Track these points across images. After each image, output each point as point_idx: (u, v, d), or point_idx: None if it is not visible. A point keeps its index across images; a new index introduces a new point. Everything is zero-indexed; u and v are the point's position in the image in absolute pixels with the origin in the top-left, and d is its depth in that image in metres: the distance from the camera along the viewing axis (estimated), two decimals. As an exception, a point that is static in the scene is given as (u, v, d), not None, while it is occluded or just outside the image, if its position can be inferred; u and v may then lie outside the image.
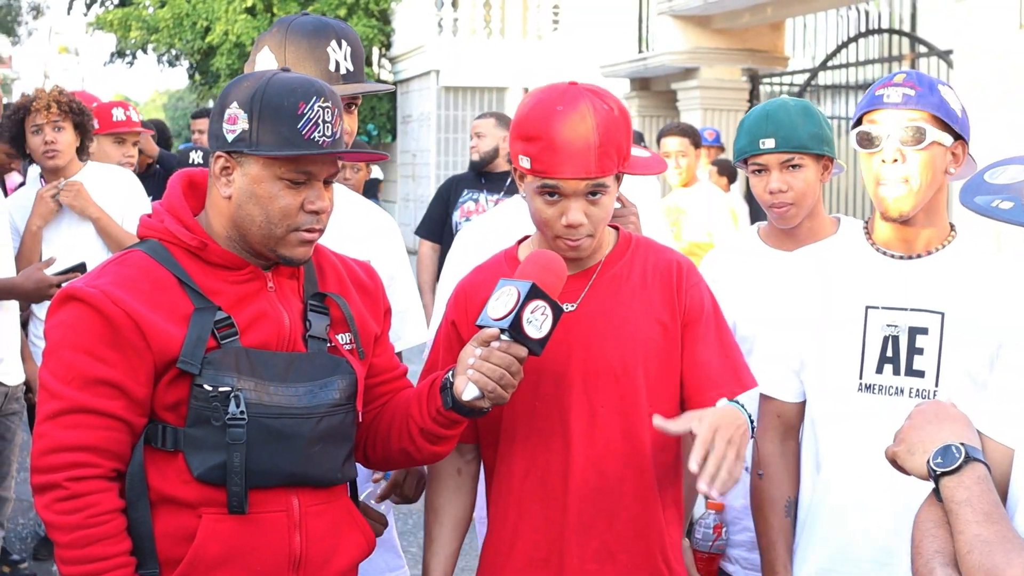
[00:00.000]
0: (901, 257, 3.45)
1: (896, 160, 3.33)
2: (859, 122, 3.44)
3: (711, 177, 11.41)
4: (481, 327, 2.97)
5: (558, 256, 3.07)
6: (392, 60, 30.03)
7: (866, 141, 3.39)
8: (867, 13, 16.48)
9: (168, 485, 2.89)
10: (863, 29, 15.49)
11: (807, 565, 3.53)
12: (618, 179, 3.22)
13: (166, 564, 2.89)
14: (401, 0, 28.63)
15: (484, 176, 8.97)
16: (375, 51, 29.70)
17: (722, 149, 13.28)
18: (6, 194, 7.08)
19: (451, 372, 3.04)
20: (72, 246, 6.19)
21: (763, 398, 3.69)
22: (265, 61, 3.51)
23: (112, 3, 33.10)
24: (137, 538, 2.88)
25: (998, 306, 3.33)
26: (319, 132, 2.89)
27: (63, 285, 5.54)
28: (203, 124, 11.30)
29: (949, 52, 12.17)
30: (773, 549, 3.62)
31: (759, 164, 4.15)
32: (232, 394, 2.86)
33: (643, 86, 20.20)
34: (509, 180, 8.43)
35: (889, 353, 3.38)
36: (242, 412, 2.86)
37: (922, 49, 13.58)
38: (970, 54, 11.22)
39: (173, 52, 31.48)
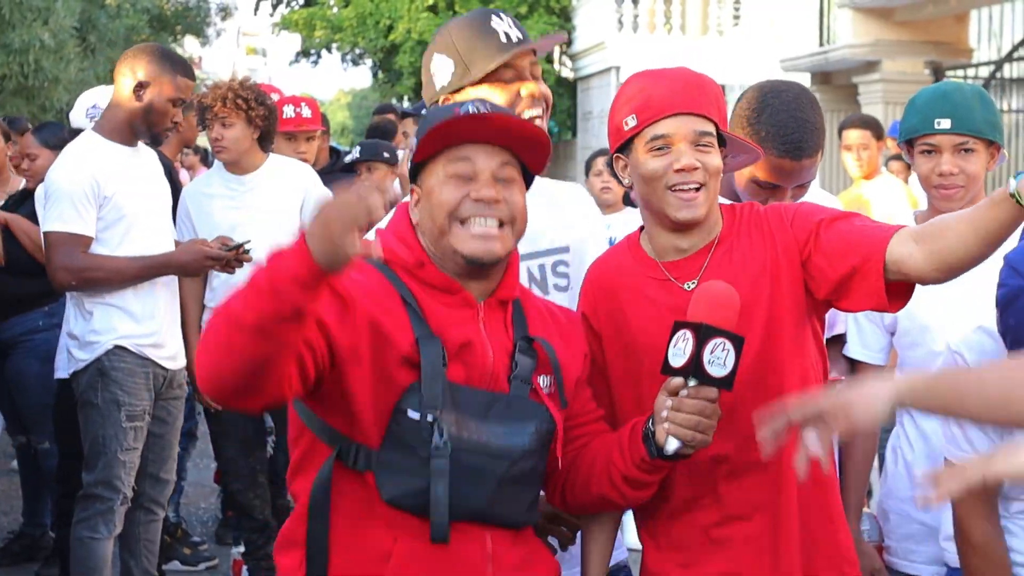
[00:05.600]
0: None
1: None
2: None
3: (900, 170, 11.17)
4: (666, 375, 2.95)
5: (724, 285, 2.99)
6: (572, 57, 30.18)
7: None
8: (1056, 3, 16.17)
9: (354, 504, 2.91)
10: (1051, 19, 15.22)
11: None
12: (721, 145, 3.19)
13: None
14: (581, -3, 28.79)
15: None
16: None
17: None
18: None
19: (650, 420, 3.01)
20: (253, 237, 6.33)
21: None
22: (441, 65, 3.50)
23: (297, 3, 33.71)
24: (313, 550, 2.92)
25: None
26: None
27: (226, 260, 5.77)
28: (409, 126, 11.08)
29: None
30: None
31: (931, 145, 4.02)
32: (436, 424, 2.87)
33: (824, 80, 20.03)
34: None
35: None
36: (445, 443, 2.85)
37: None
38: None
39: (357, 51, 31.94)
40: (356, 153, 7.97)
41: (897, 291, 3.07)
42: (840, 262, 3.09)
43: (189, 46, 27.46)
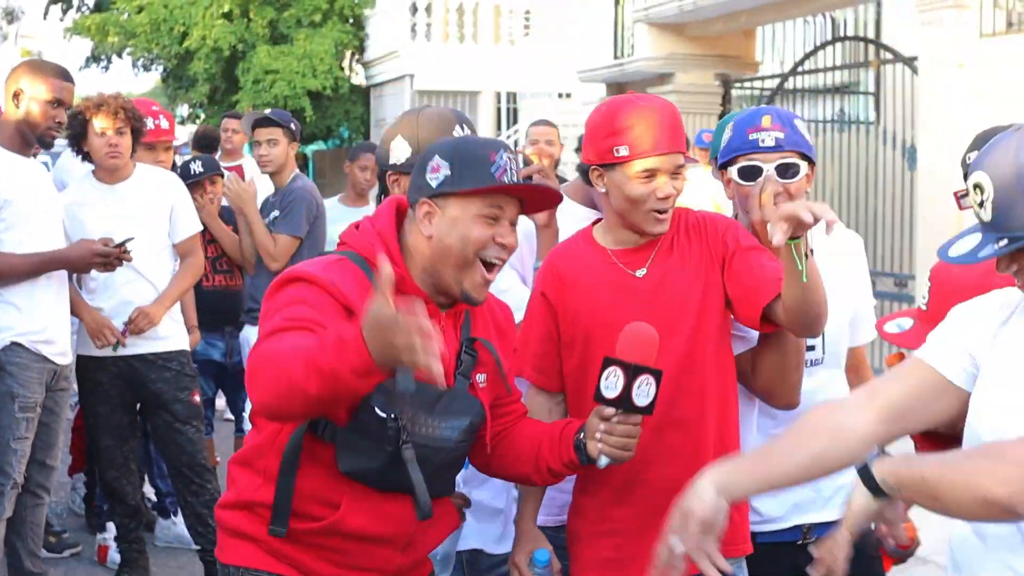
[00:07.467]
0: None
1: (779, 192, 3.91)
2: (734, 160, 4.01)
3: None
4: (597, 402, 3.47)
5: (646, 325, 3.48)
6: (366, 65, 30.43)
7: (749, 176, 3.98)
8: (834, 21, 17.00)
9: (317, 466, 3.39)
10: (830, 36, 15.94)
11: None
12: None
13: (301, 515, 3.43)
14: (375, 6, 29.05)
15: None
16: (348, 55, 30.13)
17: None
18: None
19: (581, 433, 3.55)
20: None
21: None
22: (399, 146, 4.12)
23: (87, 8, 33.42)
24: (279, 501, 3.42)
25: None
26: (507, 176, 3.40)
27: (110, 257, 6.30)
28: (235, 124, 11.61)
29: (914, 59, 12.55)
30: None
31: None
32: (400, 424, 3.32)
33: (619, 91, 20.47)
34: None
35: None
36: (407, 438, 3.34)
37: (888, 55, 13.99)
38: (935, 60, 11.64)
39: (149, 57, 31.78)
40: (200, 167, 8.42)
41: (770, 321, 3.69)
42: (736, 283, 3.72)
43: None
